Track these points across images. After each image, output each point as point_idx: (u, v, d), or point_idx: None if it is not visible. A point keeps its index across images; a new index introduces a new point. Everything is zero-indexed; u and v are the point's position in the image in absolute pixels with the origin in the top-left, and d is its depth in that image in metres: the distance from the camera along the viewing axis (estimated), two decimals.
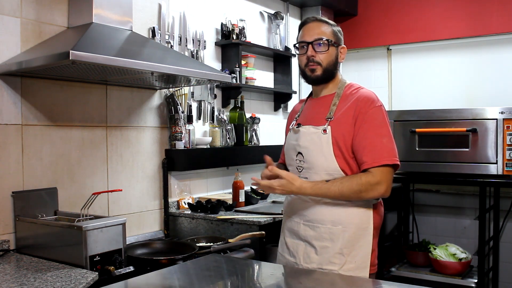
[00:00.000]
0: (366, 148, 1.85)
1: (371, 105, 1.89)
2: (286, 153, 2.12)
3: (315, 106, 2.05)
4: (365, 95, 1.93)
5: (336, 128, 1.90)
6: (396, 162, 1.86)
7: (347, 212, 1.91)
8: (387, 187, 1.85)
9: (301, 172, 1.98)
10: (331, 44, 1.97)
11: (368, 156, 1.84)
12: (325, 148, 1.90)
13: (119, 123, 2.69)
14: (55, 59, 1.89)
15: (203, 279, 1.66)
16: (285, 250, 2.07)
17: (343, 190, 1.83)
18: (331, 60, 1.98)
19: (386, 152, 1.85)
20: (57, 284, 1.69)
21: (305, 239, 1.98)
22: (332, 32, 2.00)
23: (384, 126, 1.89)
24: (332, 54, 1.99)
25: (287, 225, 2.08)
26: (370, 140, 1.85)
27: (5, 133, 2.18)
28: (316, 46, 1.96)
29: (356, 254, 1.90)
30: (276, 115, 4.01)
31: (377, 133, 1.86)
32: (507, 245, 3.69)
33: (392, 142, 1.89)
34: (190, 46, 3.12)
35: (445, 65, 4.09)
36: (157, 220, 2.92)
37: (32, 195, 2.24)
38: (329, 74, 2.00)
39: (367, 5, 4.45)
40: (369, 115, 1.87)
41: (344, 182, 1.85)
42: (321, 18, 2.04)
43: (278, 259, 2.13)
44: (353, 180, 1.84)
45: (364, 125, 1.87)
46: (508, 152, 3.11)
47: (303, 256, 1.97)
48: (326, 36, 1.97)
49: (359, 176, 1.85)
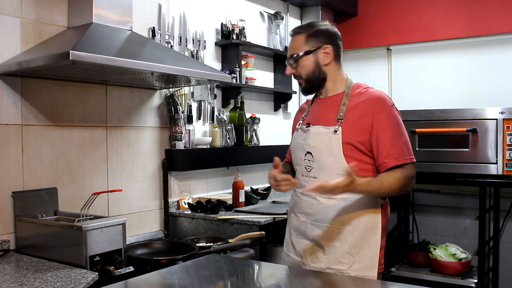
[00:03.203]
0: (387, 149, 1.87)
1: (385, 105, 1.90)
2: (293, 152, 2.10)
3: (323, 105, 2.04)
4: (377, 95, 1.94)
5: (348, 129, 1.90)
6: (414, 160, 1.92)
7: (356, 211, 1.90)
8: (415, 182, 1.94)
9: (310, 172, 1.97)
10: (305, 55, 1.97)
11: (391, 156, 1.87)
12: (335, 149, 1.90)
13: (119, 123, 2.69)
14: (55, 59, 1.89)
15: (203, 279, 1.66)
16: (291, 250, 2.06)
17: (390, 181, 1.85)
18: (309, 69, 1.98)
19: (405, 150, 1.89)
20: (57, 284, 1.70)
21: (313, 238, 1.96)
22: (305, 41, 1.98)
23: (400, 125, 1.92)
24: (308, 64, 1.98)
25: (294, 225, 2.06)
26: (389, 140, 1.88)
27: (5, 133, 2.18)
28: (292, 62, 2.01)
29: (364, 253, 1.89)
30: (276, 115, 4.01)
31: (395, 132, 1.89)
32: (507, 245, 3.69)
33: (408, 141, 1.93)
34: (190, 46, 3.12)
35: (445, 65, 4.09)
36: (157, 220, 2.92)
37: (32, 195, 2.24)
38: (315, 81, 2.00)
39: (367, 5, 4.45)
40: (384, 116, 1.89)
41: (388, 174, 1.87)
42: (298, 29, 2.03)
43: (283, 259, 2.12)
44: (394, 173, 1.86)
45: (382, 126, 1.88)
46: (508, 152, 3.11)
47: (311, 256, 1.96)
48: (298, 51, 1.98)
49: (394, 172, 1.87)
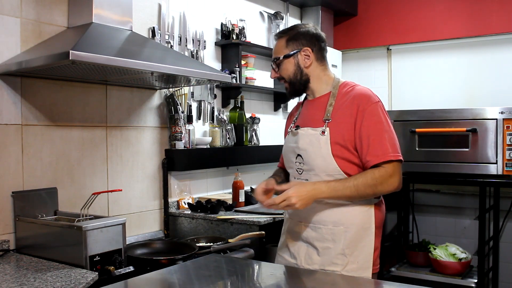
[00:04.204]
0: (370, 146, 1.84)
1: (368, 102, 1.88)
2: (284, 155, 2.11)
3: (311, 107, 2.05)
4: (361, 92, 1.92)
5: (335, 129, 1.90)
6: (400, 157, 1.85)
7: (349, 212, 1.90)
8: (400, 180, 1.85)
9: (301, 174, 1.98)
10: (285, 58, 1.98)
11: (373, 154, 1.83)
12: (323, 150, 1.89)
13: (119, 123, 2.69)
14: (55, 59, 1.89)
15: (203, 279, 1.66)
16: (285, 251, 2.07)
17: (358, 186, 1.81)
18: (291, 72, 1.99)
19: (390, 147, 1.84)
20: (57, 284, 1.69)
21: (307, 240, 1.97)
22: (285, 44, 1.99)
23: (384, 121, 1.88)
24: (289, 67, 1.99)
25: (289, 226, 2.08)
26: (373, 137, 1.84)
27: (5, 133, 2.18)
28: (274, 66, 2.03)
29: (358, 254, 1.90)
30: (276, 115, 4.01)
31: (378, 129, 1.85)
32: (507, 245, 3.69)
33: (393, 138, 1.87)
34: (190, 46, 3.12)
35: (445, 65, 4.09)
36: (157, 220, 2.92)
37: (32, 195, 2.24)
38: (298, 84, 2.01)
39: (367, 5, 4.45)
40: (368, 113, 1.86)
41: (358, 178, 1.83)
42: (280, 33, 2.04)
43: (276, 260, 2.12)
44: (366, 176, 1.82)
45: (365, 123, 1.85)
46: (508, 152, 3.11)
47: (305, 257, 1.97)
48: (279, 54, 2.00)
49: (371, 171, 1.83)
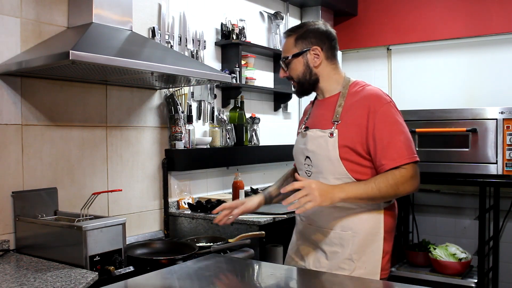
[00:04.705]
0: (385, 149, 1.78)
1: (379, 103, 1.82)
2: (295, 157, 2.07)
3: (320, 108, 2.00)
4: (372, 92, 1.86)
5: (344, 131, 1.84)
6: (416, 159, 1.80)
7: (357, 217, 1.86)
8: (419, 181, 1.81)
9: (310, 177, 1.93)
10: (294, 57, 1.95)
11: (388, 157, 1.77)
12: (331, 152, 1.84)
13: (119, 123, 2.69)
14: (55, 59, 1.88)
15: (203, 279, 1.66)
16: (295, 253, 2.05)
17: (380, 186, 1.74)
18: (300, 72, 1.95)
19: (405, 150, 1.78)
20: (57, 284, 1.69)
21: (316, 243, 1.95)
22: (294, 43, 1.95)
23: (397, 123, 1.82)
24: (298, 67, 1.95)
25: (299, 228, 2.06)
26: (387, 140, 1.78)
27: (5, 133, 2.18)
28: (283, 65, 1.99)
29: (366, 260, 1.86)
30: (276, 115, 4.01)
31: (392, 131, 1.80)
32: (507, 245, 3.69)
33: (408, 138, 1.81)
34: (190, 46, 3.12)
35: (445, 65, 4.09)
36: (157, 220, 2.92)
37: (32, 195, 2.24)
38: (307, 83, 1.97)
39: (367, 5, 4.45)
40: (380, 114, 1.80)
41: (378, 178, 1.77)
42: (289, 31, 2.00)
43: (287, 261, 2.10)
44: (387, 176, 1.76)
45: (377, 125, 1.79)
46: (508, 152, 3.11)
47: (313, 260, 1.95)
48: (287, 53, 1.96)
49: (391, 172, 1.76)
